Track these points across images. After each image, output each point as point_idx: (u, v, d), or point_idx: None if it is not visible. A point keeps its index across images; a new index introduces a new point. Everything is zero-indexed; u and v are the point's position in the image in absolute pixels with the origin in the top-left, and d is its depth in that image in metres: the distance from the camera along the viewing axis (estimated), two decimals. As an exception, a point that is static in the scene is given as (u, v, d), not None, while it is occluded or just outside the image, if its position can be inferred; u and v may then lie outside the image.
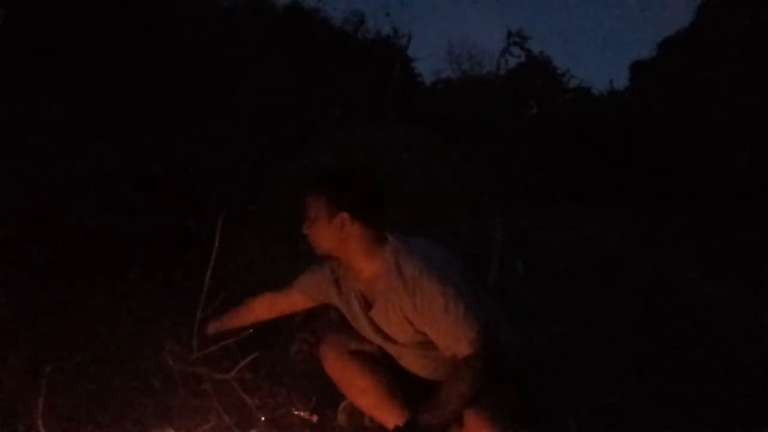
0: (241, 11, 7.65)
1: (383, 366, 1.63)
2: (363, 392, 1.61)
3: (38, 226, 3.20)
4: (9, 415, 1.75)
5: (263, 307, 1.89)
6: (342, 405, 1.82)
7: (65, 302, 2.56)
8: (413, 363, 1.59)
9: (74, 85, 4.00)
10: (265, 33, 6.98)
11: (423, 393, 1.58)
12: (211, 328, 1.97)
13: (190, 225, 3.15)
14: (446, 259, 1.48)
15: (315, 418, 1.85)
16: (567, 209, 5.93)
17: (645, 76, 9.78)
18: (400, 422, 1.48)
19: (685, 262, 4.06)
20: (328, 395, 1.89)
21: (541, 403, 1.72)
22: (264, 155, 4.26)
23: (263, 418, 1.84)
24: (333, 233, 1.47)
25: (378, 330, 1.55)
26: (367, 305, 1.54)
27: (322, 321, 2.30)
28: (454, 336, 1.38)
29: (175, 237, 3.34)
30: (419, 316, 1.42)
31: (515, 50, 11.87)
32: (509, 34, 11.91)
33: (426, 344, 1.50)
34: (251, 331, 2.15)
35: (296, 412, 1.88)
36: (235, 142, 4.60)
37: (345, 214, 1.45)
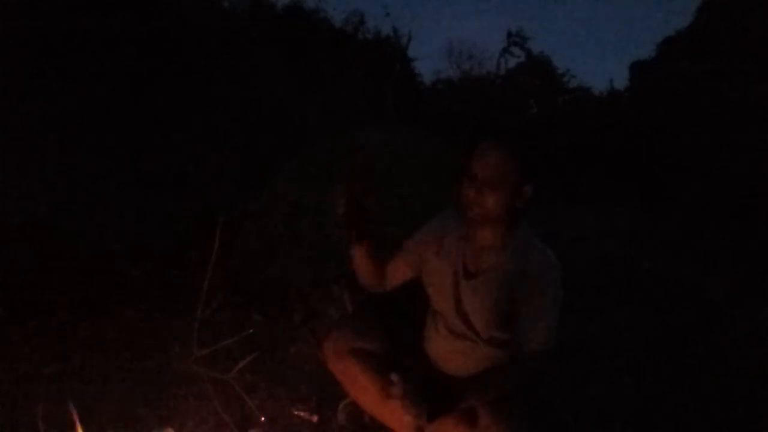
0: (241, 11, 7.66)
1: (386, 365, 1.62)
2: (365, 390, 1.61)
3: (37, 226, 3.20)
4: (9, 415, 1.74)
5: (384, 275, 1.66)
6: (342, 404, 1.82)
7: (65, 302, 2.56)
8: (448, 351, 1.55)
9: (74, 85, 4.01)
10: (265, 33, 6.99)
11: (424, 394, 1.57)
12: (360, 250, 1.58)
13: (190, 225, 3.15)
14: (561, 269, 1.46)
15: (315, 418, 1.86)
16: (566, 209, 5.94)
17: (645, 76, 9.78)
18: (401, 421, 1.47)
19: (685, 262, 4.07)
20: (328, 395, 1.89)
21: (542, 404, 1.72)
22: (264, 155, 4.27)
23: (263, 418, 1.84)
24: (512, 201, 1.37)
25: (458, 299, 1.48)
26: (466, 274, 1.48)
27: (322, 321, 2.30)
28: (532, 334, 1.39)
29: (175, 237, 3.35)
30: (519, 302, 1.40)
31: (515, 50, 11.92)
32: (509, 34, 11.95)
33: (492, 332, 1.45)
34: (251, 331, 2.15)
35: (296, 412, 1.88)
36: (235, 142, 4.62)
37: (531, 187, 1.38)
